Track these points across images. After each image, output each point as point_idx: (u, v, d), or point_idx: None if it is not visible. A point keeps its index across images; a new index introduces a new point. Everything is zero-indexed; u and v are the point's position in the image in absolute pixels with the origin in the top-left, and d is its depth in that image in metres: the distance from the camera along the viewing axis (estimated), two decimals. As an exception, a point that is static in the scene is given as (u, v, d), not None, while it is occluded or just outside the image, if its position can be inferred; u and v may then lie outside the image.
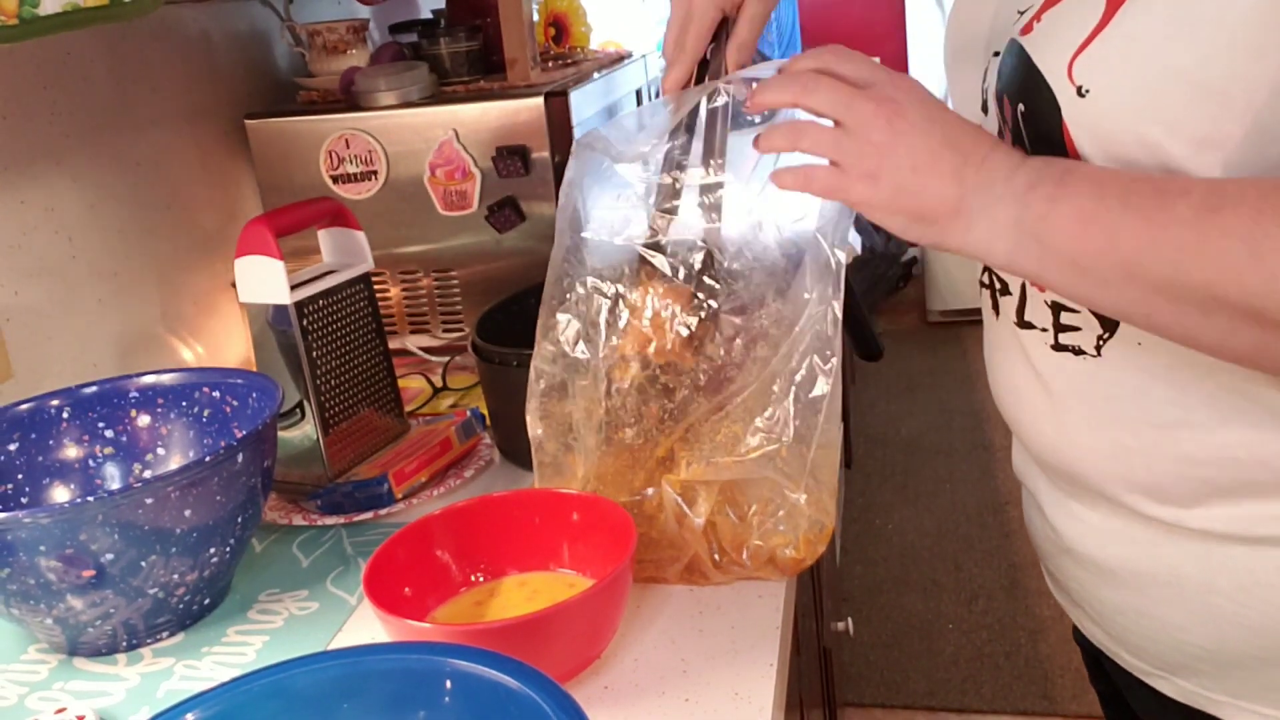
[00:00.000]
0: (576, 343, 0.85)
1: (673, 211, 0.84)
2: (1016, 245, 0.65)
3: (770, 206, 0.83)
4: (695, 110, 0.82)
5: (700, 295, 0.83)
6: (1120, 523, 0.74)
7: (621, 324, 0.84)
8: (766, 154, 0.76)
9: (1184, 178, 0.62)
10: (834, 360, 0.81)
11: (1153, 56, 0.61)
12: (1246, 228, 0.57)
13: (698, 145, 0.83)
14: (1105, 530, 0.76)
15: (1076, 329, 0.71)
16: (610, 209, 0.85)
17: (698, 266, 0.83)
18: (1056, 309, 0.72)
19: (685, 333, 0.83)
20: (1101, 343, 0.70)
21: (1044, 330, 0.74)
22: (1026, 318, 0.75)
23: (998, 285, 0.78)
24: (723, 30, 0.84)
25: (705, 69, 0.85)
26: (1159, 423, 0.69)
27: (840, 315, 0.81)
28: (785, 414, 0.81)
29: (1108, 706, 0.94)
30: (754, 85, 0.76)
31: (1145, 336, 0.67)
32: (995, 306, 0.79)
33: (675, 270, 0.83)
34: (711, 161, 0.82)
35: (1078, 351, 0.72)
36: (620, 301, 0.84)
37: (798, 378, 0.81)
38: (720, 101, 0.81)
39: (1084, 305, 0.67)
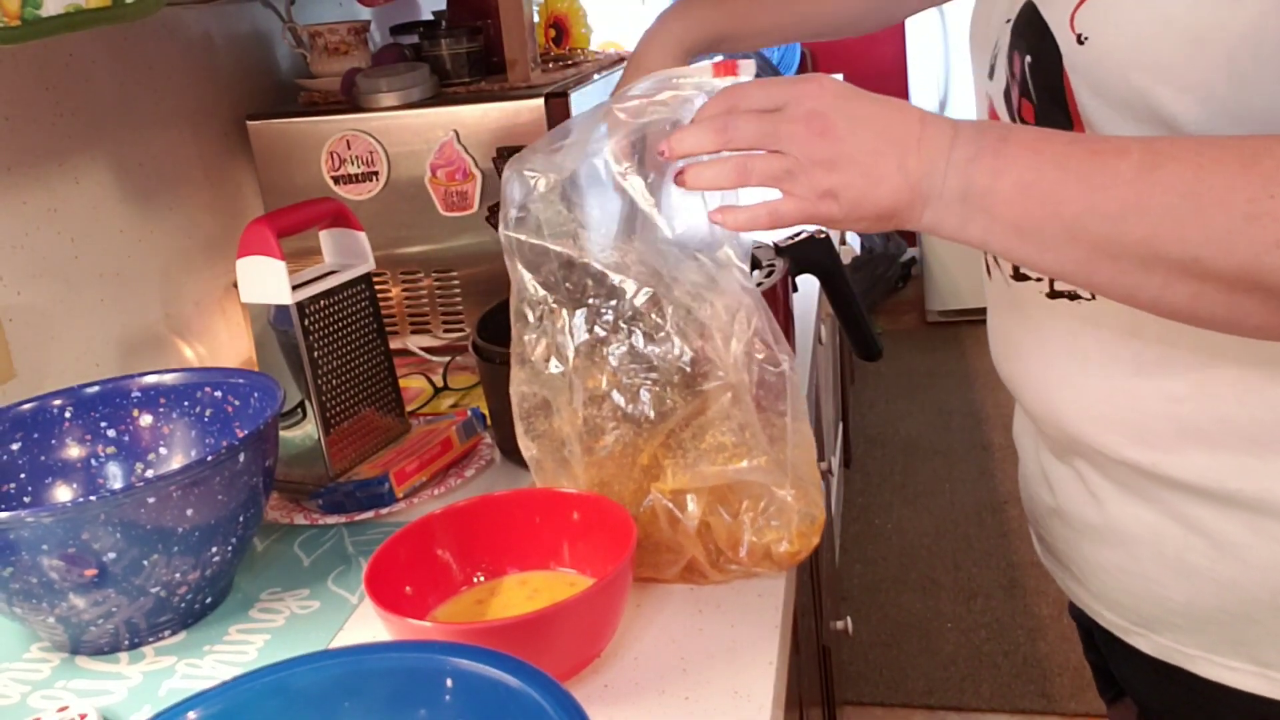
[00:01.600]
0: (549, 360, 0.86)
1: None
2: (965, 219, 0.67)
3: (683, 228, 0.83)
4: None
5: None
6: (1107, 480, 0.77)
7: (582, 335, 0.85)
8: (695, 190, 0.77)
9: (1118, 138, 0.64)
10: (785, 364, 0.82)
11: (1147, 4, 0.63)
12: (1187, 183, 0.59)
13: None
14: (1094, 488, 0.79)
15: None
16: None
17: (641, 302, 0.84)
18: None
19: None
20: None
21: (1039, 280, 0.76)
22: (1022, 270, 0.77)
23: None
24: None
25: None
26: (1148, 360, 0.71)
27: (766, 321, 0.81)
28: (752, 425, 0.82)
29: (1100, 678, 0.97)
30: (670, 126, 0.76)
31: None
32: (995, 261, 0.81)
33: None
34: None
35: (1073, 296, 0.74)
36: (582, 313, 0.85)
37: (753, 389, 0.82)
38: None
39: (1028, 268, 0.69)
